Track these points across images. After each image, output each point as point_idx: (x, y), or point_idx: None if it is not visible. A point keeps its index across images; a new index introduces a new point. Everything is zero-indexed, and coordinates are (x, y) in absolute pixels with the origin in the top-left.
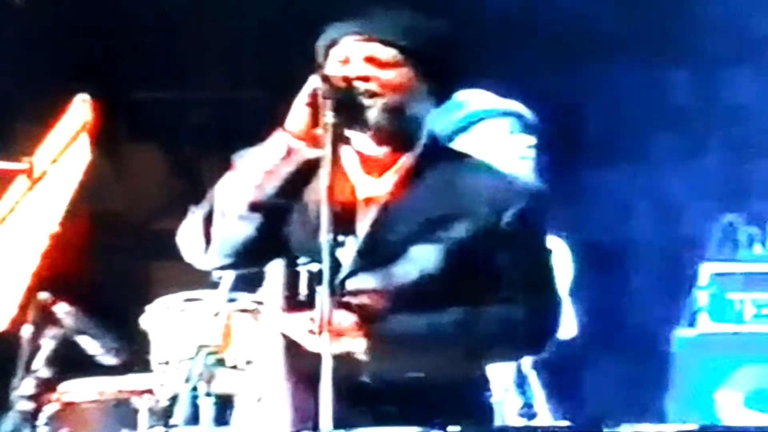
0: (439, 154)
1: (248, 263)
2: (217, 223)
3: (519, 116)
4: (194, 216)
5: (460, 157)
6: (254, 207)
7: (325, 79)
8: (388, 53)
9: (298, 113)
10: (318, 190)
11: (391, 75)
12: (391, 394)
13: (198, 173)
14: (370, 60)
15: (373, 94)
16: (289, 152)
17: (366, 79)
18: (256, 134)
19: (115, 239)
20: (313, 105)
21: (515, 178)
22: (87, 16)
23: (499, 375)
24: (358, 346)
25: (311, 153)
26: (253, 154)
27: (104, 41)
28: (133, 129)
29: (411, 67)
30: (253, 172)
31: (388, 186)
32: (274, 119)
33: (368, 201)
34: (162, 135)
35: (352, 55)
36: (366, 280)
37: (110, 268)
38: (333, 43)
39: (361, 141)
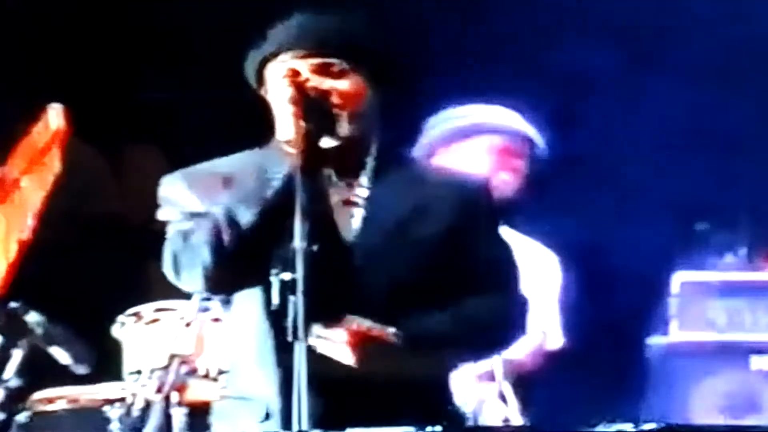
0: (392, 157)
1: (250, 283)
2: (228, 240)
3: (526, 140)
4: (197, 235)
5: (407, 157)
6: (266, 219)
7: (297, 86)
8: (335, 63)
9: (287, 123)
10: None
11: (346, 85)
12: (369, 395)
13: None
14: (321, 72)
15: (337, 106)
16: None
17: (325, 91)
18: (256, 134)
19: (114, 240)
20: (299, 114)
21: (465, 174)
22: (86, 17)
23: (474, 385)
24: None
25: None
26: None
27: (103, 41)
28: (133, 129)
29: (358, 73)
30: (260, 184)
31: (362, 191)
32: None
33: (344, 207)
34: (162, 135)
35: (299, 68)
36: (348, 289)
37: (108, 269)
38: (269, 59)
39: (332, 148)
